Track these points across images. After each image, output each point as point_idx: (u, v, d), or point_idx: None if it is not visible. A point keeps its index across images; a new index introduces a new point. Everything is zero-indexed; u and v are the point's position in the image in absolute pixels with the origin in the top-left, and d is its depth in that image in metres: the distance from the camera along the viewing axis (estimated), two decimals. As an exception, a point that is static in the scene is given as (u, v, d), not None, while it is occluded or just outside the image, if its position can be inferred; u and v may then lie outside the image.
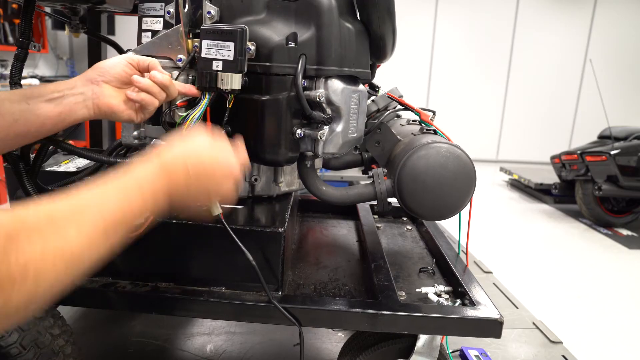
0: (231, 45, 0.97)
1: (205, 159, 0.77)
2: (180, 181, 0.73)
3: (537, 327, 2.01)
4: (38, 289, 0.50)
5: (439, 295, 1.23)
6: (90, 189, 0.62)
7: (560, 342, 1.90)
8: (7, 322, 0.49)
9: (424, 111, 1.40)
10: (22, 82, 1.07)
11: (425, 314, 1.08)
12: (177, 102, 1.05)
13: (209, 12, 1.06)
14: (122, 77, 0.95)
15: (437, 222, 1.79)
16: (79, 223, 0.56)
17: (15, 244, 0.48)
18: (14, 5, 4.19)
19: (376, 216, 1.82)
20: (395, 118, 1.51)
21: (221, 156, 0.80)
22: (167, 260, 1.14)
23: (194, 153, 0.77)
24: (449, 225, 2.69)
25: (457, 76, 6.86)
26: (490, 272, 2.59)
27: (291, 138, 1.13)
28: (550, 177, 4.92)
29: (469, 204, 1.21)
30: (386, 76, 2.54)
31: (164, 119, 1.06)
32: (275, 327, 1.76)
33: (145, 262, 1.13)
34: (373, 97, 1.43)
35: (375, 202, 1.25)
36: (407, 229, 1.74)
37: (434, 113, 1.41)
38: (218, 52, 0.98)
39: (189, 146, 0.78)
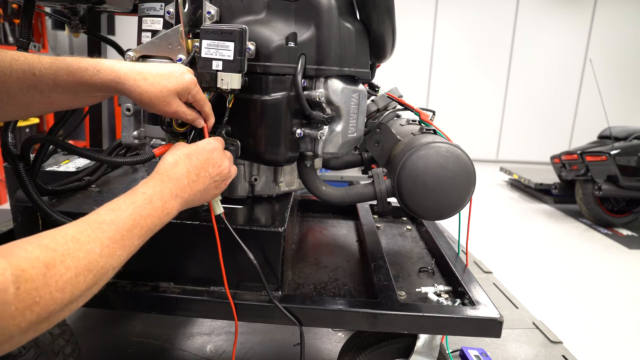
0: (231, 45, 0.97)
1: (201, 159, 0.89)
2: (184, 182, 0.85)
3: (537, 327, 2.01)
4: (72, 304, 0.59)
5: (439, 295, 1.23)
6: (104, 208, 0.71)
7: (560, 342, 1.90)
8: (42, 331, 0.57)
9: (423, 111, 1.40)
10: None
11: (425, 314, 1.08)
12: None
13: (208, 12, 1.06)
14: None
15: (436, 222, 1.79)
16: (100, 239, 0.65)
17: (53, 270, 0.55)
18: (14, 5, 4.19)
19: (376, 216, 1.82)
20: (395, 118, 1.52)
21: (214, 156, 0.93)
22: (167, 260, 1.14)
23: (191, 156, 0.88)
24: (449, 225, 2.69)
25: (457, 76, 6.86)
26: (490, 272, 2.59)
27: (291, 138, 1.13)
28: (550, 177, 4.92)
29: (468, 203, 1.21)
30: (386, 76, 2.54)
31: (162, 119, 1.06)
32: (275, 327, 1.76)
33: (145, 262, 1.13)
34: (373, 97, 1.43)
35: (375, 202, 1.25)
36: (407, 229, 1.74)
37: (434, 113, 1.41)
38: (218, 52, 0.98)
39: (185, 151, 0.89)
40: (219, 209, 1.04)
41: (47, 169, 1.41)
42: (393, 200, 1.24)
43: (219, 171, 0.93)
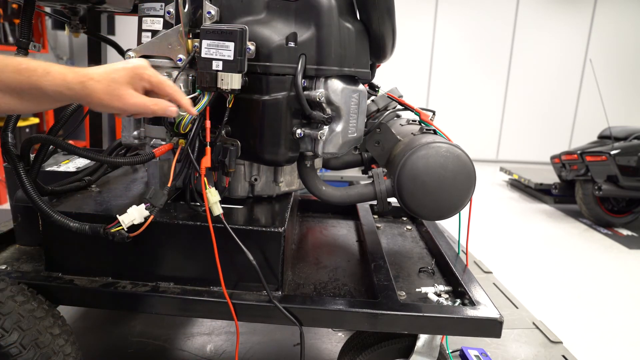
0: (231, 45, 0.97)
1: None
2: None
3: (537, 327, 2.01)
4: None
5: (439, 295, 1.23)
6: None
7: (560, 342, 1.90)
8: None
9: (423, 111, 1.40)
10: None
11: (425, 314, 1.08)
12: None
13: (209, 12, 1.06)
14: None
15: (437, 222, 1.79)
16: None
17: None
18: (14, 5, 4.19)
19: (376, 216, 1.82)
20: (395, 118, 1.51)
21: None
22: (167, 260, 1.14)
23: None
24: (449, 225, 2.69)
25: (457, 76, 6.85)
26: (490, 272, 2.59)
27: (291, 138, 1.13)
28: (550, 177, 4.92)
29: (468, 203, 1.21)
30: (386, 76, 2.54)
31: (165, 119, 1.06)
32: (275, 327, 1.76)
33: (145, 262, 1.13)
34: (373, 97, 1.43)
35: (375, 202, 1.25)
36: (407, 229, 1.74)
37: (434, 113, 1.41)
38: (218, 52, 0.98)
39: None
40: (217, 210, 1.04)
41: (47, 169, 1.41)
42: (393, 200, 1.24)
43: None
